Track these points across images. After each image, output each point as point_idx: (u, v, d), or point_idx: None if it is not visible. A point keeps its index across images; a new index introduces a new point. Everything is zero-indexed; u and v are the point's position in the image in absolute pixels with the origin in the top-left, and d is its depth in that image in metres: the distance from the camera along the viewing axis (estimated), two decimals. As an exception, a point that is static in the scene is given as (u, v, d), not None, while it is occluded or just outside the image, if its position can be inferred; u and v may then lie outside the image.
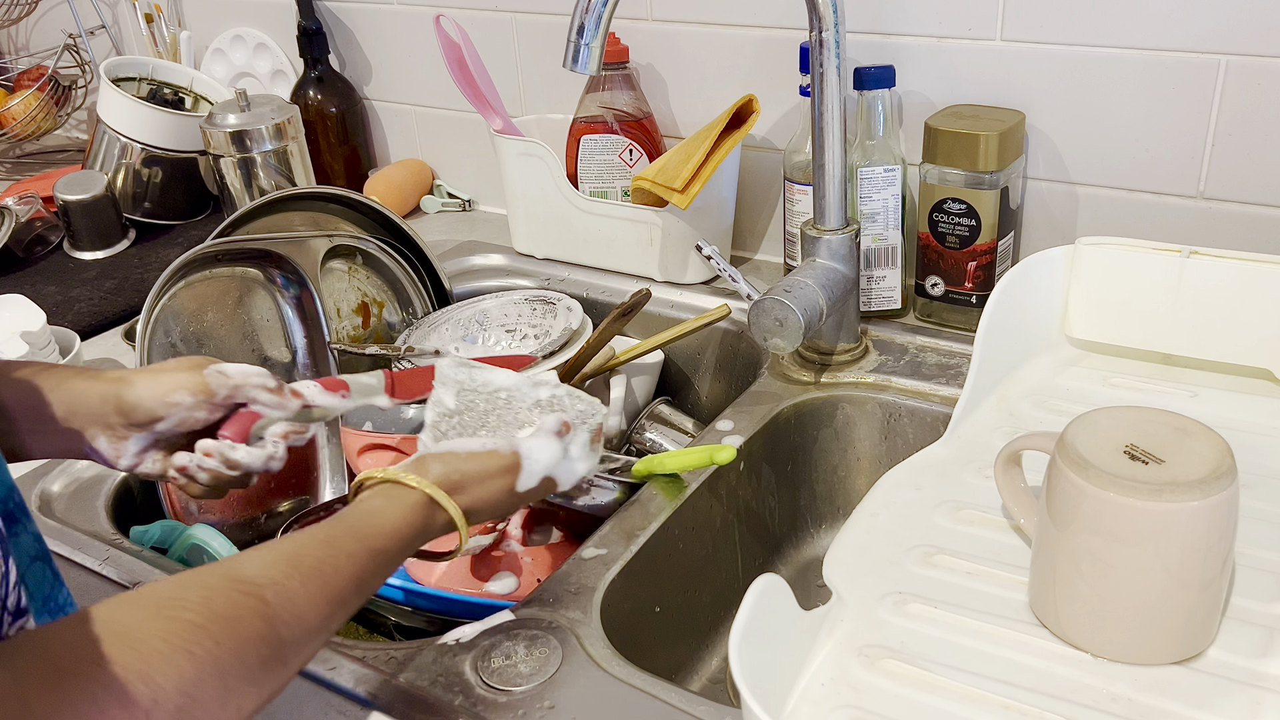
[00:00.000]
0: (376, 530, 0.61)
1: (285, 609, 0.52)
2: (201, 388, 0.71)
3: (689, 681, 0.86)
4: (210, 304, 1.01)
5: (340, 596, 0.56)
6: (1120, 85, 0.96)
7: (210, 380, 0.71)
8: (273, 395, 0.73)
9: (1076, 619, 0.61)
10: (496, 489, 0.69)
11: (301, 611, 0.53)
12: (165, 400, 0.70)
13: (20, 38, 1.86)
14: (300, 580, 0.54)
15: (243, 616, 0.50)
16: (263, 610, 0.51)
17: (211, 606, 0.50)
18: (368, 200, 1.10)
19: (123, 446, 0.70)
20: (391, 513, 0.63)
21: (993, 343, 0.83)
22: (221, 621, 0.49)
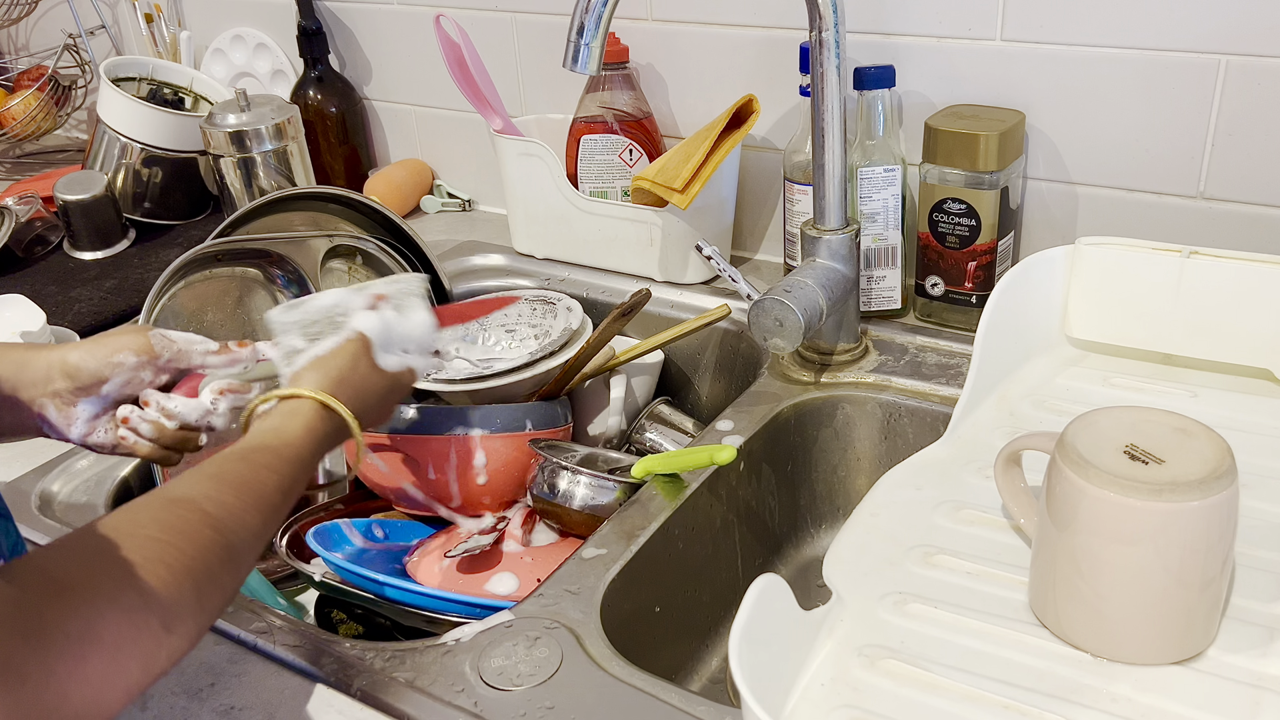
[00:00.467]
0: (285, 442, 0.67)
1: (227, 518, 0.58)
2: (145, 348, 0.73)
3: (689, 681, 0.86)
4: (210, 304, 1.01)
5: (270, 504, 0.62)
6: (1120, 85, 0.96)
7: (154, 342, 0.73)
8: (218, 355, 0.76)
9: (1076, 619, 0.61)
10: (365, 371, 0.75)
11: (241, 518, 0.59)
12: (109, 360, 0.71)
13: (20, 38, 1.86)
14: (233, 494, 0.60)
15: (194, 528, 0.56)
16: (209, 520, 0.57)
17: (167, 523, 0.55)
18: (368, 200, 1.10)
19: (72, 414, 0.72)
20: (293, 423, 0.68)
21: (993, 343, 0.83)
22: (178, 534, 0.55)
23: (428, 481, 0.94)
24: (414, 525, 0.98)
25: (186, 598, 0.53)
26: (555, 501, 0.88)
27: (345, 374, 0.73)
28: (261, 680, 0.69)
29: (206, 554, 0.55)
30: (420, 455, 0.93)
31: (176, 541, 0.54)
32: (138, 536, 0.53)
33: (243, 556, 0.59)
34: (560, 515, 0.88)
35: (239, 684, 0.69)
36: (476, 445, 0.93)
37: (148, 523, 0.55)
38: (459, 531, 0.94)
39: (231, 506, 0.59)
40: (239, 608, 0.75)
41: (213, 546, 0.56)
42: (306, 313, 0.78)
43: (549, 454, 0.90)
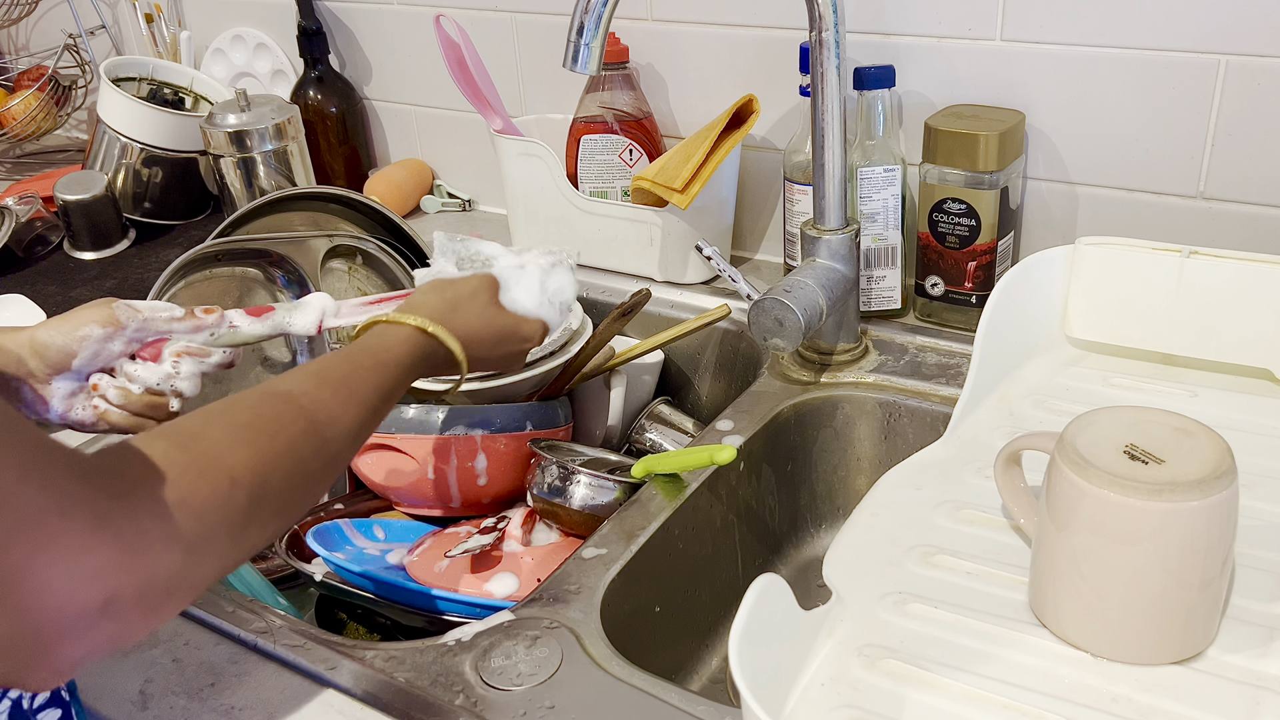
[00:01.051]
0: (386, 348, 0.69)
1: (321, 411, 0.60)
2: (109, 319, 0.73)
3: (689, 681, 0.87)
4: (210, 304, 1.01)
5: (368, 401, 0.64)
6: (1120, 85, 0.96)
7: (118, 312, 0.74)
8: (183, 321, 0.76)
9: (1076, 619, 0.61)
10: (484, 304, 0.78)
11: (335, 414, 0.61)
12: (75, 335, 0.72)
13: (20, 38, 1.86)
14: (330, 390, 0.62)
15: (286, 416, 0.58)
16: (302, 413, 0.59)
17: (261, 411, 0.57)
18: (368, 200, 1.10)
19: (48, 391, 0.72)
20: (397, 334, 0.71)
21: (993, 343, 0.83)
22: (269, 421, 0.57)
23: (428, 481, 0.94)
24: (414, 525, 0.98)
25: (273, 480, 0.54)
26: (555, 501, 0.88)
27: (461, 302, 0.76)
28: (261, 680, 0.69)
29: (297, 443, 0.57)
30: (420, 455, 0.93)
31: (267, 428, 0.56)
32: (232, 423, 0.55)
33: (337, 450, 0.61)
34: (560, 515, 0.88)
35: (239, 684, 0.69)
36: (476, 445, 0.93)
37: (242, 409, 0.57)
38: (459, 531, 0.94)
39: (327, 402, 0.61)
40: (239, 608, 0.75)
41: (305, 436, 0.58)
42: (468, 247, 0.83)
43: (549, 454, 0.90)
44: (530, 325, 0.81)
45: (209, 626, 0.74)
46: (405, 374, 0.69)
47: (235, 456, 0.53)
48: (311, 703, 0.67)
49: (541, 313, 0.82)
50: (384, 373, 0.67)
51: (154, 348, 0.76)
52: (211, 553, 0.50)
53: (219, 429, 0.54)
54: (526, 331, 0.81)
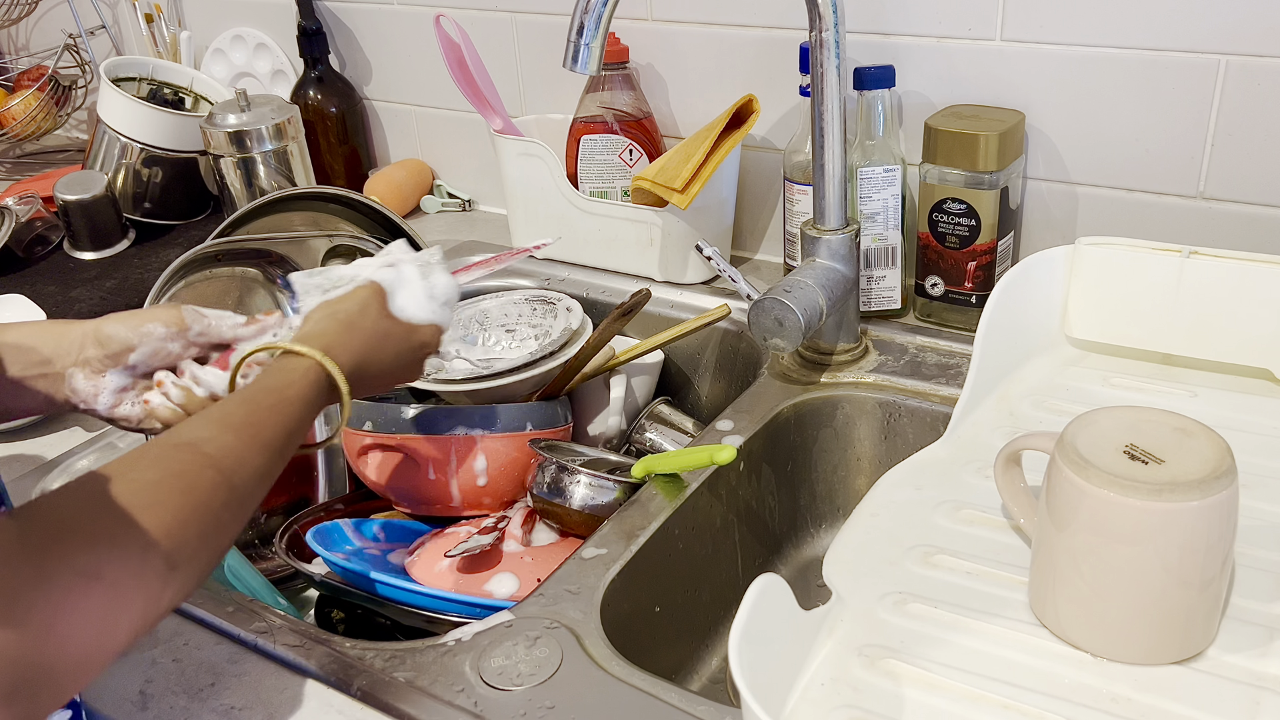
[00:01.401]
0: (286, 383, 0.67)
1: (228, 459, 0.59)
2: (175, 320, 0.74)
3: (689, 681, 0.86)
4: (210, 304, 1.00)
5: (273, 443, 0.63)
6: (1120, 85, 0.96)
7: (186, 315, 0.75)
8: (247, 327, 0.77)
9: (1076, 619, 0.61)
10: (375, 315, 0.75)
11: (243, 459, 0.60)
12: (138, 329, 0.73)
13: (20, 38, 1.86)
14: (234, 434, 0.61)
15: (195, 470, 0.57)
16: (209, 462, 0.58)
17: (168, 467, 0.56)
18: (368, 200, 1.10)
19: (100, 383, 0.73)
20: (292, 371, 0.69)
21: (993, 343, 0.83)
22: (179, 477, 0.56)
23: (427, 481, 0.94)
24: (414, 525, 0.98)
25: (189, 538, 0.54)
26: (555, 501, 0.88)
27: (354, 319, 0.74)
28: (261, 680, 0.69)
29: (208, 496, 0.56)
30: (420, 455, 0.93)
31: (177, 484, 0.55)
32: (139, 480, 0.54)
33: (246, 497, 0.60)
34: (560, 515, 0.88)
35: (239, 684, 0.69)
36: (476, 445, 0.93)
37: (148, 467, 0.56)
38: (459, 532, 0.94)
39: (232, 447, 0.60)
40: (239, 608, 0.75)
41: (214, 488, 0.57)
42: (328, 278, 0.79)
43: (549, 454, 0.90)
44: (424, 331, 0.79)
45: (209, 626, 0.74)
46: (308, 409, 0.68)
47: (148, 521, 0.52)
48: (311, 703, 0.67)
49: (432, 316, 0.80)
50: (287, 410, 0.65)
51: (225, 358, 0.77)
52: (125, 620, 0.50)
53: (128, 490, 0.53)
54: (422, 338, 0.79)
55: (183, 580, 0.54)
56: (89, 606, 0.48)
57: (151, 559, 0.52)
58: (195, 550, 0.55)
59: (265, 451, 0.62)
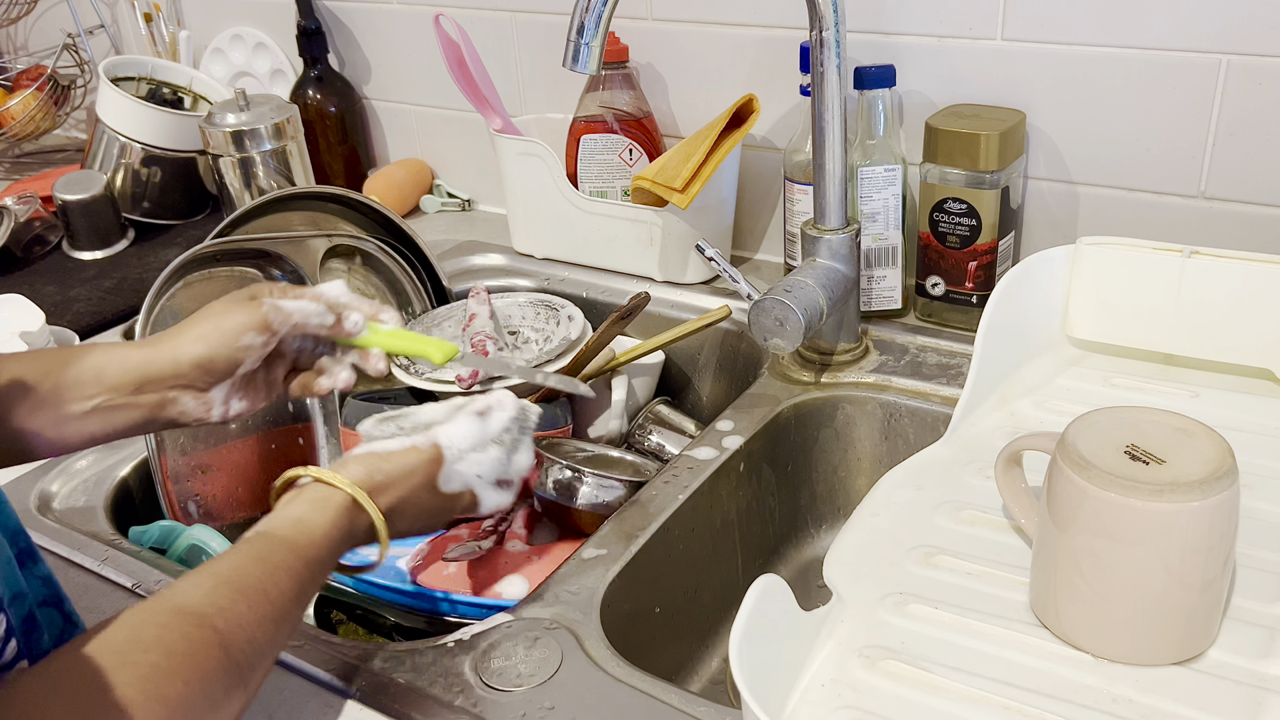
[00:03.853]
0: (308, 539, 0.61)
1: (237, 635, 0.54)
2: (264, 324, 0.72)
3: (689, 682, 0.86)
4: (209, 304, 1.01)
5: (285, 613, 0.58)
6: (1121, 85, 0.96)
7: (270, 316, 0.72)
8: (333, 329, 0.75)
9: (1077, 619, 0.61)
10: (419, 484, 0.69)
11: (252, 635, 0.55)
12: (239, 345, 0.71)
13: (19, 37, 1.86)
14: (246, 604, 0.55)
15: (200, 650, 0.52)
16: (217, 640, 0.53)
17: (168, 645, 0.51)
18: (367, 200, 1.10)
19: (209, 398, 0.72)
20: (319, 518, 0.63)
21: (993, 343, 0.83)
22: (182, 659, 0.51)
23: (427, 481, 0.94)
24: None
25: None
26: (559, 501, 0.88)
27: (394, 479, 0.68)
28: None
29: (210, 682, 0.52)
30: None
31: (180, 670, 0.50)
32: (139, 664, 0.49)
33: (251, 677, 0.55)
34: (564, 514, 0.88)
35: (238, 684, 0.69)
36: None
37: (152, 644, 0.51)
38: (460, 534, 0.94)
39: (244, 620, 0.55)
40: (238, 608, 0.74)
41: (220, 672, 0.52)
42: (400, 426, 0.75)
43: (552, 454, 0.90)
44: (465, 498, 0.72)
45: (208, 627, 0.74)
46: (322, 570, 0.62)
47: (147, 715, 0.48)
48: (311, 703, 0.67)
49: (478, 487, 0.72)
50: (305, 572, 0.60)
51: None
52: None
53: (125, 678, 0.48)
54: (461, 504, 0.72)
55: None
56: None
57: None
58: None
59: (276, 627, 0.57)
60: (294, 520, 0.62)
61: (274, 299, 0.73)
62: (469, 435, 0.72)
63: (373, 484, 0.66)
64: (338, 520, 0.64)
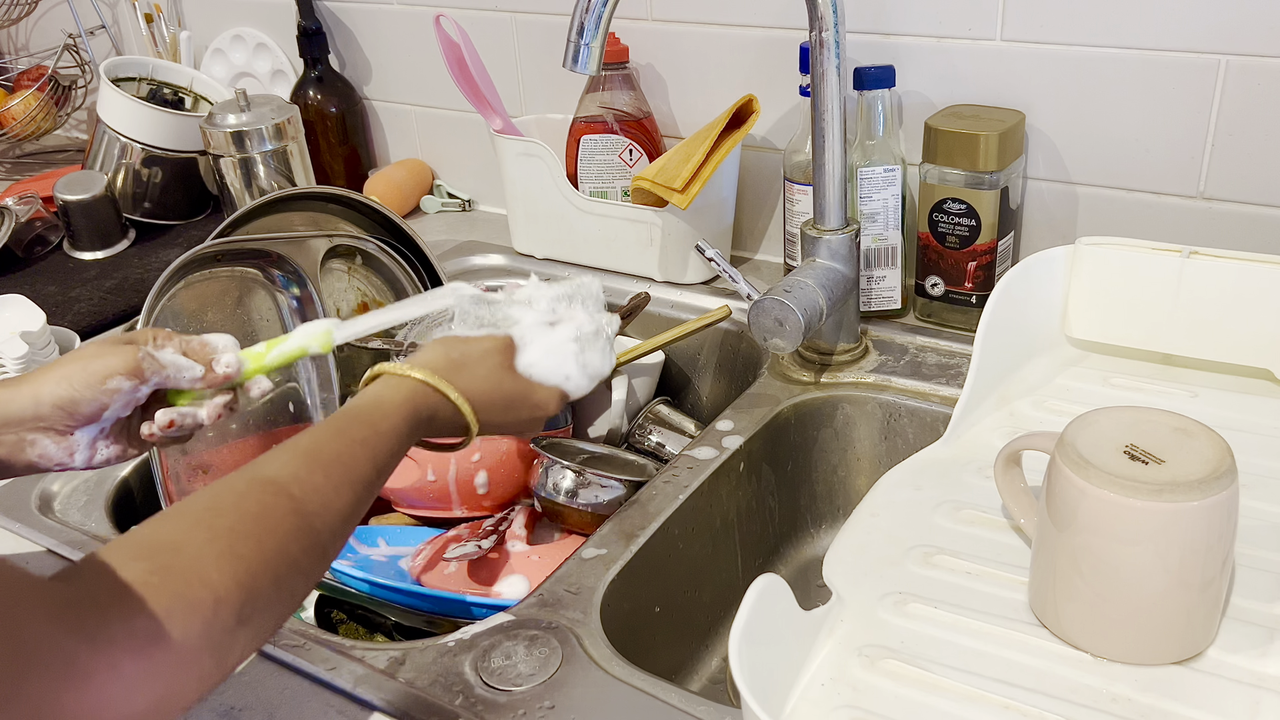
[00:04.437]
0: (383, 414, 0.64)
1: (313, 501, 0.56)
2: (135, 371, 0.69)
3: (689, 681, 0.86)
4: (210, 304, 1.01)
5: (362, 480, 0.60)
6: (1120, 85, 0.96)
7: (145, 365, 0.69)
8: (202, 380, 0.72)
9: (1076, 619, 0.61)
10: (495, 365, 0.71)
11: (328, 501, 0.57)
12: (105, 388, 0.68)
13: (20, 38, 1.86)
14: (322, 472, 0.58)
15: (275, 514, 0.54)
16: (292, 505, 0.55)
17: (244, 510, 0.53)
18: (368, 200, 1.10)
19: (72, 442, 0.69)
20: (395, 396, 0.65)
21: (993, 343, 0.83)
22: (258, 521, 0.53)
23: (427, 483, 0.94)
24: (415, 530, 0.98)
25: (262, 589, 0.51)
26: (559, 501, 0.88)
27: (468, 360, 0.70)
28: (261, 680, 0.69)
29: (288, 542, 0.53)
30: (419, 457, 0.93)
31: (255, 530, 0.52)
32: (214, 527, 0.51)
33: (329, 540, 0.57)
34: (564, 514, 0.88)
35: (239, 684, 0.69)
36: (476, 446, 0.93)
37: (228, 509, 0.53)
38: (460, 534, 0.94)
39: (320, 487, 0.57)
40: (239, 608, 0.74)
41: (296, 534, 0.54)
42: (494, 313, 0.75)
43: (552, 454, 0.90)
44: (545, 392, 0.73)
45: (209, 626, 0.74)
46: (403, 442, 0.64)
47: (220, 573, 0.49)
48: (311, 703, 0.67)
49: (563, 383, 0.74)
50: (381, 444, 0.62)
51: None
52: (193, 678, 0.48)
53: (200, 539, 0.50)
54: (539, 399, 0.73)
55: (253, 634, 0.51)
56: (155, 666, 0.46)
57: (222, 615, 0.48)
58: (269, 602, 0.51)
59: (353, 490, 0.58)
60: (371, 399, 0.65)
61: (150, 347, 0.71)
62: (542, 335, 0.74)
63: (448, 361, 0.69)
64: (412, 397, 0.66)
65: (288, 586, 0.53)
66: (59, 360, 0.70)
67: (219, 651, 0.49)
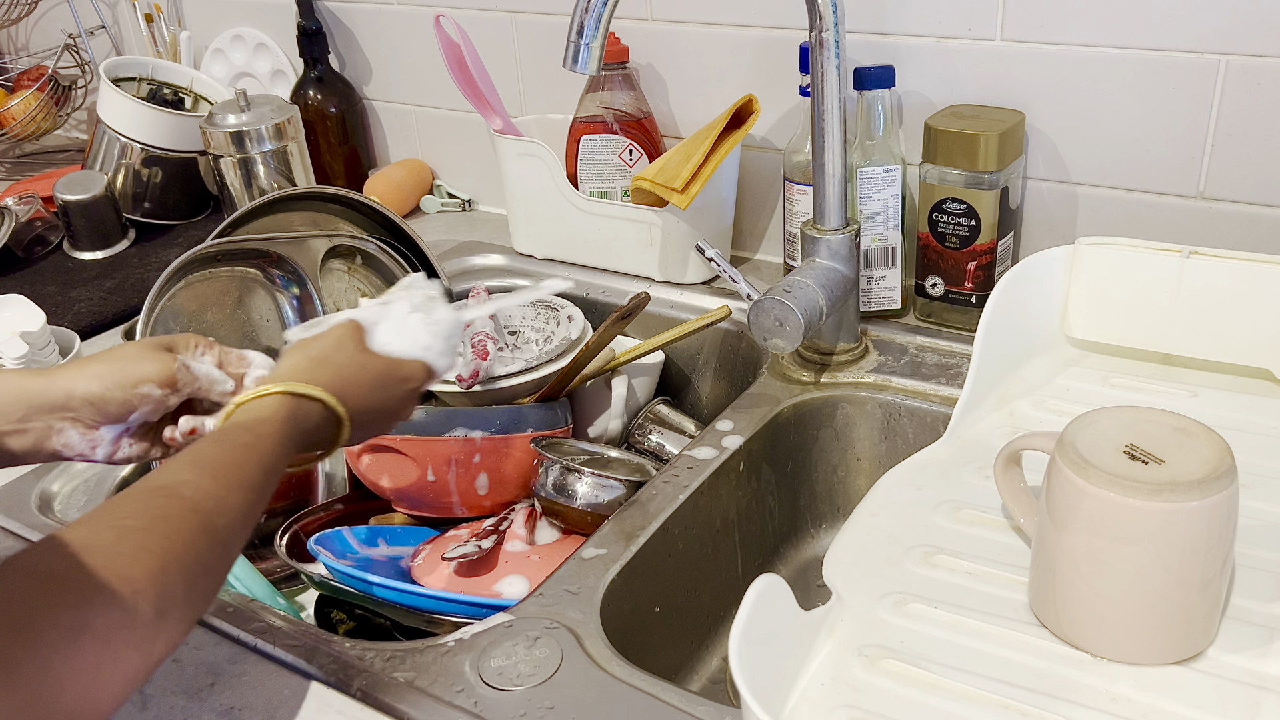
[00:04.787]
0: (260, 421, 0.65)
1: (208, 502, 0.57)
2: (169, 381, 0.71)
3: (689, 681, 0.86)
4: (210, 304, 1.01)
5: (252, 482, 0.61)
6: (1120, 85, 0.96)
7: (179, 376, 0.72)
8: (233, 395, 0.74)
9: (1076, 619, 0.61)
10: (351, 349, 0.73)
11: (223, 501, 0.58)
12: (136, 392, 0.70)
13: (20, 38, 1.86)
14: (210, 476, 0.59)
15: (176, 514, 0.56)
16: (190, 505, 0.57)
17: (148, 513, 0.55)
18: (368, 200, 1.10)
19: (96, 436, 0.71)
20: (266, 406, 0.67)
21: (993, 343, 0.83)
22: (161, 522, 0.54)
23: (427, 483, 0.94)
24: (415, 530, 0.98)
25: (175, 583, 0.53)
26: (560, 501, 0.88)
27: (326, 354, 0.72)
28: (261, 680, 0.69)
29: (191, 539, 0.55)
30: (420, 457, 0.93)
31: (159, 529, 0.54)
32: (121, 528, 0.53)
33: (229, 538, 0.58)
34: (565, 514, 0.88)
35: (239, 684, 0.69)
36: (475, 447, 0.93)
37: (129, 514, 0.55)
38: (460, 534, 0.94)
39: (211, 489, 0.58)
40: (239, 608, 0.75)
41: (196, 531, 0.56)
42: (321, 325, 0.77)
43: (552, 454, 0.90)
44: (409, 366, 0.75)
45: (209, 626, 0.74)
46: (283, 445, 0.65)
47: (133, 567, 0.51)
48: (311, 703, 0.67)
49: (421, 353, 0.76)
50: (261, 447, 0.63)
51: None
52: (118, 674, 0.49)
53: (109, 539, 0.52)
54: (406, 372, 0.75)
55: (173, 627, 0.52)
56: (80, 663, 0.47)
57: (141, 607, 0.50)
58: (184, 595, 0.53)
59: (244, 491, 0.60)
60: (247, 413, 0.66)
61: (189, 356, 0.73)
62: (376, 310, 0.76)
63: (309, 361, 0.71)
64: (284, 402, 0.67)
65: (199, 583, 0.55)
66: (98, 355, 0.71)
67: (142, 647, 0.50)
